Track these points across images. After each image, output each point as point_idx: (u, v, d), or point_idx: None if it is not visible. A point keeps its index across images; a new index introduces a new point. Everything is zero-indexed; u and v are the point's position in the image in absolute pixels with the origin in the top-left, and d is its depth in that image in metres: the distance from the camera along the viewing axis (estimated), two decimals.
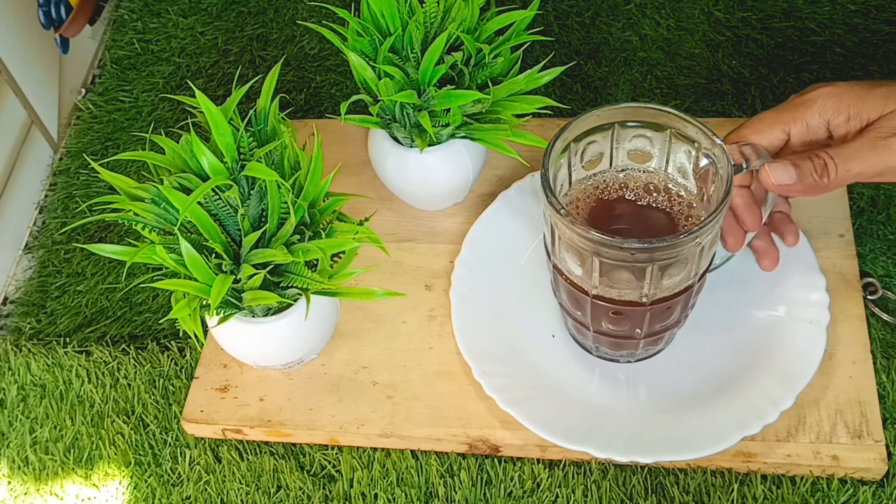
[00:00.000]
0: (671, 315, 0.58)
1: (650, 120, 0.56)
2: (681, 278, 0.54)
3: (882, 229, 0.70)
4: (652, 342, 0.61)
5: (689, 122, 0.55)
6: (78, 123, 0.88)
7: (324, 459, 0.64)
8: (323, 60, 0.89)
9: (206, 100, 0.56)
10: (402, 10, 0.63)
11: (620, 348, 0.62)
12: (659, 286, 0.54)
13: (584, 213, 0.57)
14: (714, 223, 0.51)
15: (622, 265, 0.53)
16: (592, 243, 0.52)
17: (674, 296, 0.55)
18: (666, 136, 0.56)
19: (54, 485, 0.66)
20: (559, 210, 0.52)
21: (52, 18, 0.87)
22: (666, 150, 0.57)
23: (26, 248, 0.81)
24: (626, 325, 0.58)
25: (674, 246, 0.51)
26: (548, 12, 0.89)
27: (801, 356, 0.60)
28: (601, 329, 0.59)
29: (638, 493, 0.60)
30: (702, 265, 0.55)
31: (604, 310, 0.57)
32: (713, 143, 0.54)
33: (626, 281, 0.54)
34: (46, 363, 0.71)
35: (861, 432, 0.60)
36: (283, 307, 0.61)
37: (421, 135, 0.66)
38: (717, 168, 0.54)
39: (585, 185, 0.58)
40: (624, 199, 0.57)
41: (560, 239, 0.54)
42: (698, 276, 0.56)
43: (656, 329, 0.59)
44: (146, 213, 0.57)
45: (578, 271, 0.55)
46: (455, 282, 0.67)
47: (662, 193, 0.57)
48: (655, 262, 0.52)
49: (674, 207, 0.57)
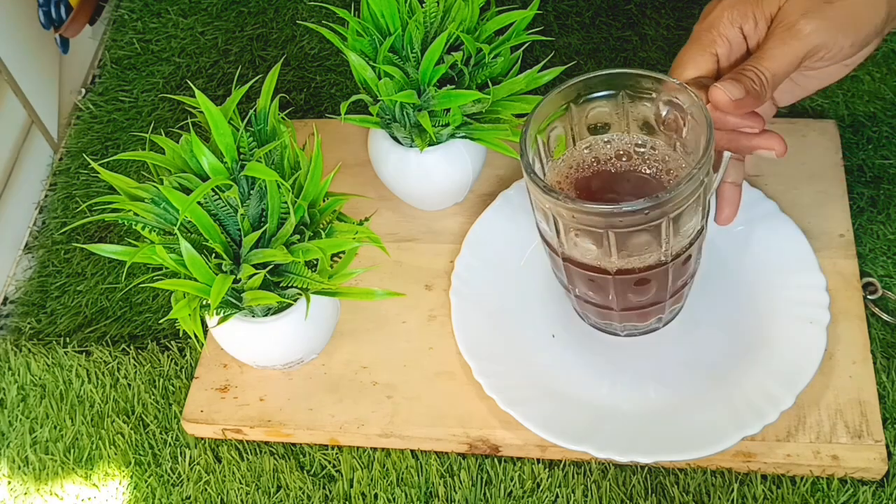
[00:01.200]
0: (690, 265, 0.58)
1: (603, 88, 0.56)
2: (693, 223, 0.55)
3: (882, 229, 0.70)
4: (676, 300, 0.61)
5: (642, 76, 0.56)
6: (78, 123, 0.88)
7: (324, 459, 0.64)
8: (323, 60, 0.89)
9: (206, 100, 0.56)
10: (402, 10, 0.63)
11: (649, 317, 0.62)
12: (675, 239, 0.55)
13: (571, 195, 0.57)
14: (708, 156, 0.52)
15: (638, 229, 0.53)
16: (604, 217, 0.52)
17: (690, 244, 0.56)
18: (621, 99, 0.57)
19: (54, 485, 0.66)
20: (563, 199, 0.52)
21: (52, 18, 0.87)
22: (624, 113, 0.57)
23: (26, 248, 0.81)
24: (652, 291, 0.58)
25: (682, 190, 0.51)
26: (548, 12, 0.89)
27: (801, 356, 0.60)
28: (627, 304, 0.59)
29: (638, 493, 0.60)
30: (707, 203, 0.56)
31: (628, 283, 0.57)
32: (672, 87, 0.55)
33: (644, 245, 0.54)
34: (46, 363, 0.71)
35: (861, 432, 0.60)
36: (283, 307, 0.61)
37: (421, 135, 0.66)
38: (683, 109, 0.55)
39: (557, 171, 0.58)
40: (598, 172, 0.58)
41: (568, 228, 0.55)
42: (706, 215, 0.56)
43: (678, 286, 0.59)
44: (146, 213, 0.57)
45: (594, 253, 0.55)
46: (455, 282, 0.67)
47: (634, 157, 0.58)
48: (669, 215, 0.52)
49: (651, 166, 0.57)
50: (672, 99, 0.56)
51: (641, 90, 0.56)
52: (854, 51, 0.55)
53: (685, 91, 0.54)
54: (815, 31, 0.54)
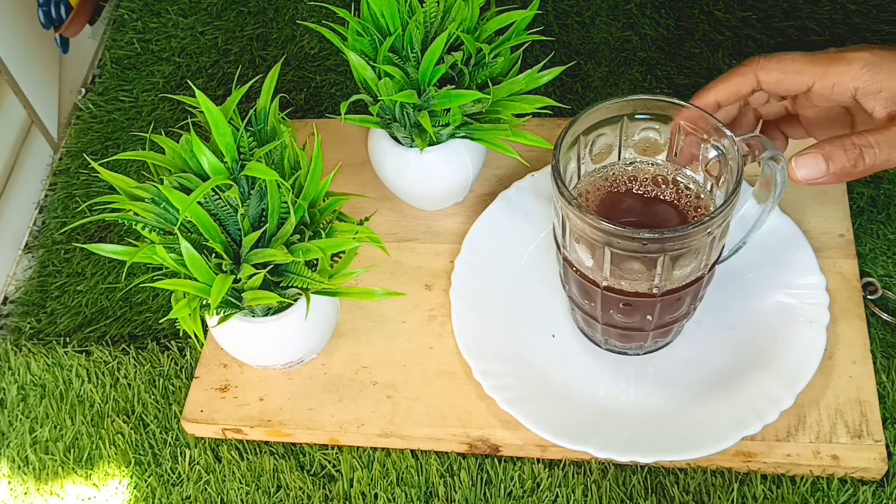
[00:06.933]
0: (681, 306, 0.58)
1: (659, 112, 0.56)
2: (691, 269, 0.55)
3: (882, 229, 0.70)
4: (661, 334, 0.61)
5: (706, 114, 0.55)
6: (78, 123, 0.88)
7: (324, 459, 0.64)
8: (323, 60, 0.89)
9: (206, 100, 0.56)
10: (402, 10, 0.63)
11: (630, 340, 0.62)
12: (669, 277, 0.54)
13: (594, 205, 0.57)
14: (725, 213, 0.52)
15: (633, 256, 0.53)
16: (604, 234, 0.52)
17: (684, 287, 0.56)
18: (672, 128, 0.56)
19: (54, 485, 0.66)
20: (571, 201, 0.52)
21: (52, 18, 0.87)
22: (674, 142, 0.57)
23: (26, 248, 0.81)
24: (636, 317, 0.58)
25: (686, 236, 0.51)
26: (548, 12, 0.89)
27: (801, 356, 0.60)
28: (611, 321, 0.59)
29: (638, 492, 0.60)
30: (712, 256, 0.55)
31: (614, 301, 0.57)
32: (722, 134, 0.54)
33: (636, 272, 0.54)
34: (46, 363, 0.71)
35: (861, 432, 0.60)
36: (283, 307, 0.61)
37: (421, 135, 0.66)
38: (726, 159, 0.54)
39: (595, 177, 0.58)
40: (632, 191, 0.58)
41: (571, 230, 0.55)
42: (708, 266, 0.56)
43: (666, 321, 0.59)
44: (146, 212, 0.57)
45: (589, 262, 0.55)
46: (455, 282, 0.67)
47: (671, 186, 0.58)
48: (667, 253, 0.52)
49: (682, 200, 0.57)
50: (720, 145, 0.55)
51: (698, 127, 0.56)
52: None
53: (732, 143, 0.53)
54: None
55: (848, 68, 0.53)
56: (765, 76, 0.56)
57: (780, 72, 0.55)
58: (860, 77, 0.53)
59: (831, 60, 0.54)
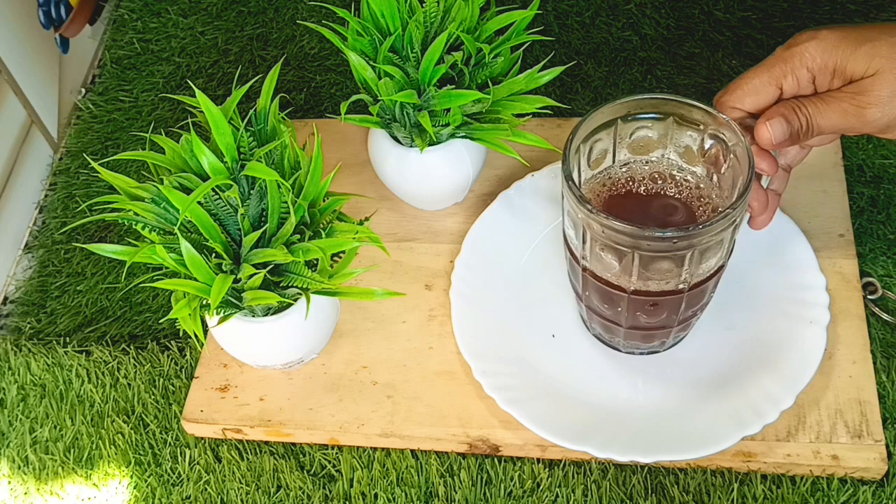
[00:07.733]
0: (703, 297, 0.58)
1: (653, 110, 0.56)
2: (716, 260, 0.55)
3: (882, 229, 0.70)
4: (683, 328, 0.61)
5: (694, 106, 0.55)
6: (78, 123, 0.88)
7: (324, 459, 0.64)
8: (323, 60, 0.89)
9: (206, 99, 0.56)
10: (402, 10, 0.63)
11: (653, 339, 0.62)
12: (696, 271, 0.55)
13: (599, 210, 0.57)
14: (745, 199, 0.52)
15: (663, 255, 0.53)
16: (632, 238, 0.52)
17: (709, 278, 0.56)
18: (668, 124, 0.57)
19: (54, 485, 0.66)
20: (594, 212, 0.52)
21: (52, 18, 0.87)
22: (668, 137, 0.57)
23: (26, 248, 0.81)
24: (662, 315, 0.58)
25: (713, 228, 0.51)
26: (548, 12, 0.89)
27: (801, 356, 0.60)
28: (636, 323, 0.59)
29: (638, 492, 0.60)
30: (734, 242, 0.56)
31: (641, 303, 0.57)
32: (720, 122, 0.55)
33: (665, 271, 0.54)
34: (46, 363, 0.71)
35: (861, 432, 0.60)
36: (283, 307, 0.61)
37: (421, 135, 0.66)
38: (727, 146, 0.55)
39: (593, 183, 0.58)
40: (632, 191, 0.58)
41: (593, 240, 0.55)
42: (729, 254, 0.56)
43: (688, 315, 0.59)
44: (146, 212, 0.57)
45: (615, 269, 0.55)
46: (455, 282, 0.67)
47: (669, 181, 0.58)
48: (695, 248, 0.52)
49: (683, 192, 0.57)
50: (718, 134, 0.55)
51: (691, 120, 0.56)
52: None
53: (733, 130, 0.54)
54: (877, 122, 0.53)
55: (801, 59, 0.55)
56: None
57: (745, 94, 0.56)
58: (814, 62, 0.55)
59: (784, 59, 0.56)
